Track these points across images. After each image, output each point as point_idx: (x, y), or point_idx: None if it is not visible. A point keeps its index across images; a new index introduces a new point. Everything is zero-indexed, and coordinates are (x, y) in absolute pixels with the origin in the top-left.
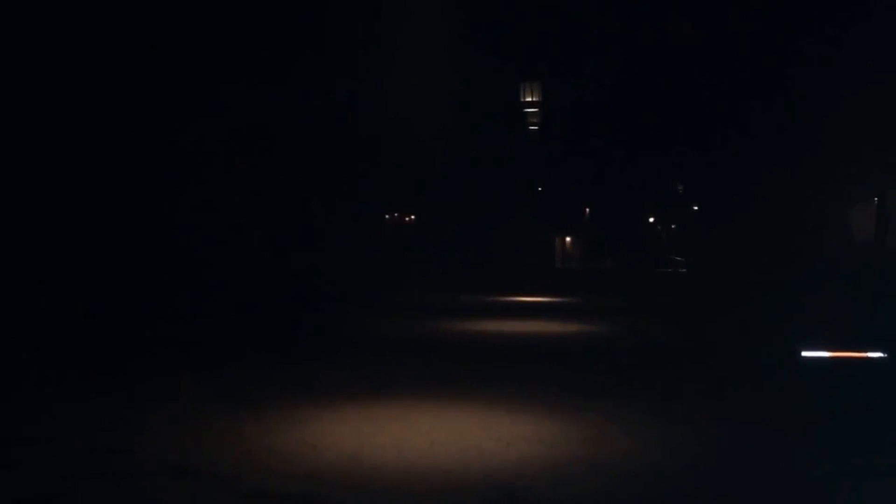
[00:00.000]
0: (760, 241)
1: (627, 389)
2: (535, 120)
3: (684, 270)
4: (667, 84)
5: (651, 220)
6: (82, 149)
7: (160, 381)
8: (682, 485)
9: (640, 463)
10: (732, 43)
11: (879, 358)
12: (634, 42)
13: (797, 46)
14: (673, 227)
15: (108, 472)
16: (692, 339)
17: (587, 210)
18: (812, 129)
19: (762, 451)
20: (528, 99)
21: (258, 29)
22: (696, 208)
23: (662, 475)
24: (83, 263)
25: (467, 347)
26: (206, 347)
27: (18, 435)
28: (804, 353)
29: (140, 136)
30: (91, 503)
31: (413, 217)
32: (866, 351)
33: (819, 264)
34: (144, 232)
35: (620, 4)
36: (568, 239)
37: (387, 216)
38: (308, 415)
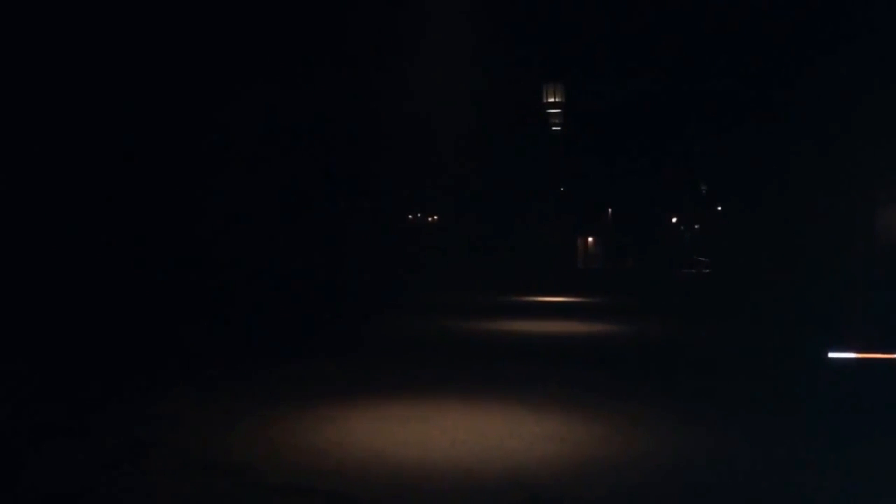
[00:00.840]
0: (786, 242)
1: (650, 389)
2: (557, 121)
3: (708, 271)
4: (691, 84)
5: (674, 220)
6: (104, 151)
7: (186, 379)
8: (705, 485)
9: (663, 463)
10: (757, 42)
11: None
12: (657, 41)
13: (823, 45)
14: (696, 227)
15: (139, 466)
16: (715, 339)
17: (609, 210)
18: (839, 128)
19: (786, 453)
20: (551, 100)
21: (279, 29)
22: (719, 209)
23: (686, 475)
24: (110, 264)
25: (489, 347)
26: (230, 346)
27: (52, 430)
28: (831, 354)
29: (162, 138)
30: (122, 497)
31: (435, 217)
32: (895, 352)
33: (846, 264)
34: (167, 232)
35: (643, 4)
36: (590, 239)
37: (409, 216)
38: (332, 412)
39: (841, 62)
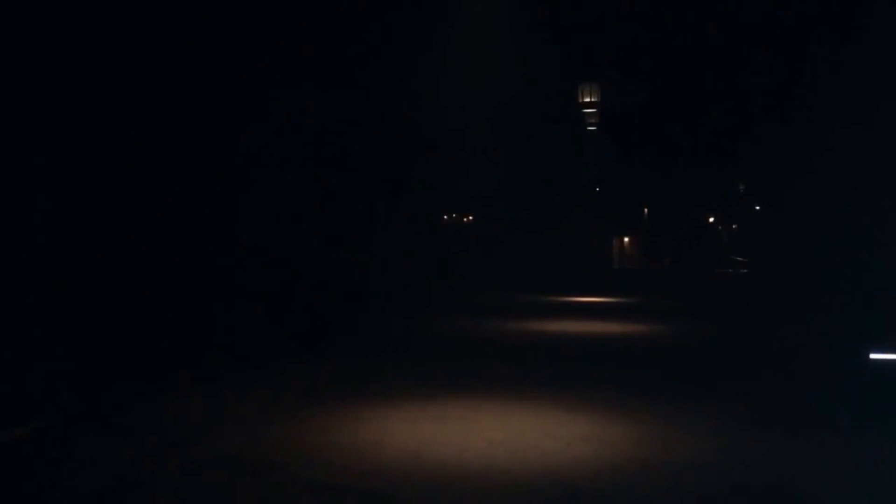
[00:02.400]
0: (826, 241)
1: (688, 391)
2: (593, 120)
3: (746, 271)
4: (728, 82)
5: (711, 220)
6: (144, 149)
7: (223, 378)
8: (745, 487)
9: (701, 465)
10: (796, 38)
11: None
12: (693, 40)
13: (864, 42)
14: (734, 226)
15: (180, 463)
16: (754, 340)
17: (645, 210)
18: (881, 125)
19: (827, 455)
20: (587, 99)
21: (317, 30)
22: (757, 208)
23: (725, 477)
24: (150, 264)
25: (525, 347)
26: (268, 345)
27: (95, 427)
28: (872, 355)
29: (202, 139)
30: (165, 493)
31: (471, 217)
32: None
33: (888, 263)
34: (206, 231)
35: (679, 4)
36: (626, 239)
37: (445, 217)
38: (368, 412)
39: (882, 58)
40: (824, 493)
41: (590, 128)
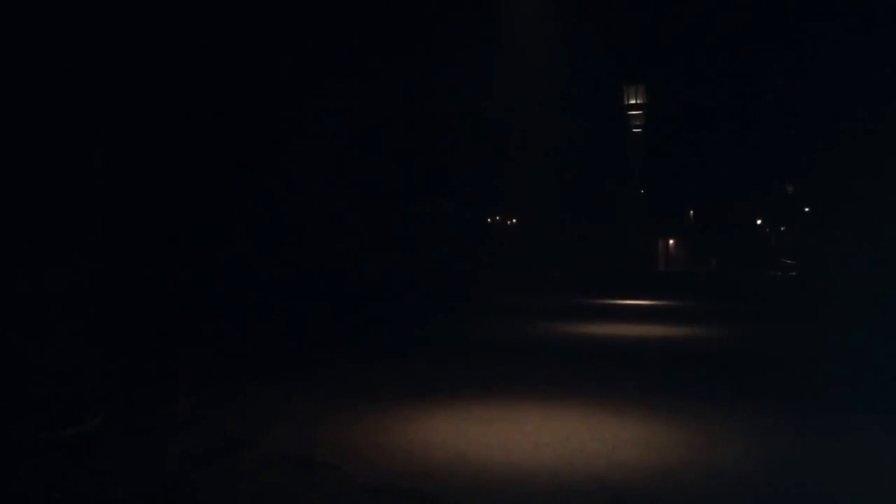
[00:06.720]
0: (876, 243)
1: (737, 394)
2: (638, 122)
3: (794, 273)
4: (775, 84)
5: (759, 221)
6: (181, 147)
7: (269, 380)
8: (796, 491)
9: (751, 469)
10: (840, 42)
11: None
12: (739, 42)
13: None
14: (782, 228)
15: (229, 462)
16: (803, 342)
17: (691, 212)
18: None
19: (882, 457)
20: (632, 101)
21: (364, 29)
22: (806, 209)
23: (775, 481)
24: (193, 263)
25: (571, 349)
26: (310, 347)
27: (143, 426)
28: None
29: (244, 137)
30: (214, 492)
31: (515, 220)
32: None
33: None
34: (247, 233)
35: (727, 4)
36: (671, 241)
37: (489, 219)
38: (415, 413)
39: None
40: (880, 497)
41: (635, 129)
